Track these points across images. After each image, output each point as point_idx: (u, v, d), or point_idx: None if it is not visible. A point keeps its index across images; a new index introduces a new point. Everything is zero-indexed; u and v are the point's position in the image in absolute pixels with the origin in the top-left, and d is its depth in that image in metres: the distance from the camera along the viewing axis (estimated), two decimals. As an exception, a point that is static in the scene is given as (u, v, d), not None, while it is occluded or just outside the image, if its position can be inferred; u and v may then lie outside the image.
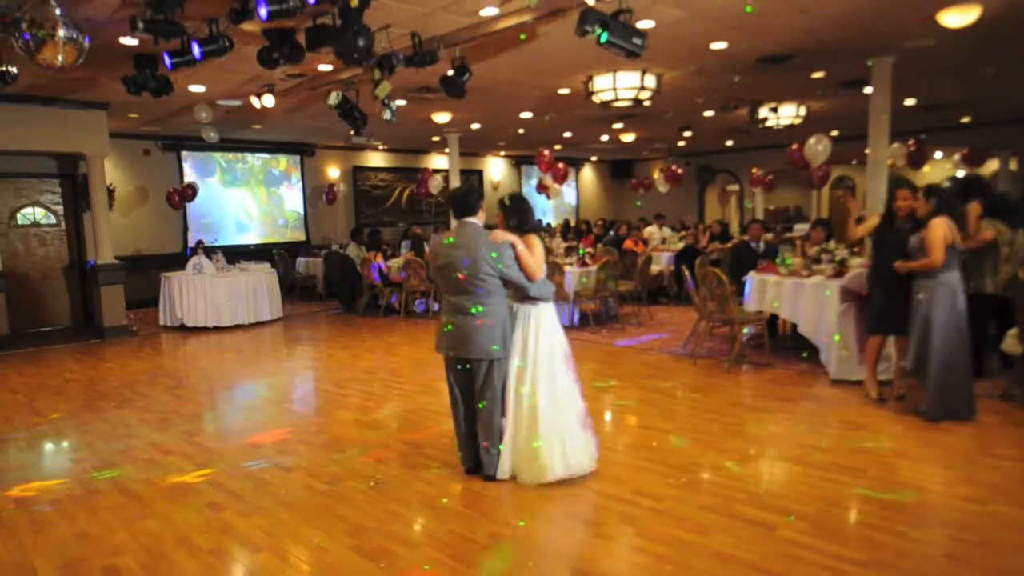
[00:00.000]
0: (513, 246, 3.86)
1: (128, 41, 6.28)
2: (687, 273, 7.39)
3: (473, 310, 3.86)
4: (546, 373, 3.93)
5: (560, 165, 12.99)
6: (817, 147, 9.47)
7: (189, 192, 12.58)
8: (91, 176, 9.49)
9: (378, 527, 3.50)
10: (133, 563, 3.23)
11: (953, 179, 16.56)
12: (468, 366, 3.96)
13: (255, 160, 14.19)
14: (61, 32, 4.60)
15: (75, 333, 10.18)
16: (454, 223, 4.09)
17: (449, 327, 3.96)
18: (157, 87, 6.78)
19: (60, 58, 4.66)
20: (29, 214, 10.46)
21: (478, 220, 3.98)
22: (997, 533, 3.26)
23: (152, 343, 9.22)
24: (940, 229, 4.73)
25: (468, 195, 4.01)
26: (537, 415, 3.89)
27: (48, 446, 5.12)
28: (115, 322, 9.70)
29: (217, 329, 9.88)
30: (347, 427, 5.20)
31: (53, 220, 10.67)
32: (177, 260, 11.87)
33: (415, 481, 4.09)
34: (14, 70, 6.42)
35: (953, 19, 6.07)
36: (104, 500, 3.98)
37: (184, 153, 13.07)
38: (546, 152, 12.04)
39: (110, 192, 10.69)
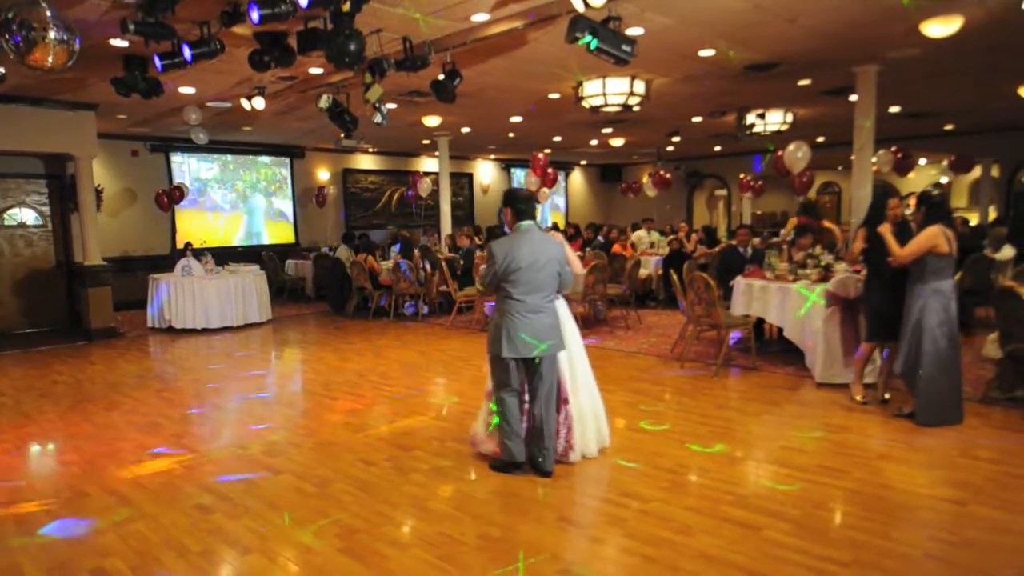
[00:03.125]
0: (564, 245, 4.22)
1: (118, 43, 6.27)
2: (675, 279, 7.45)
3: (547, 306, 4.09)
4: (579, 359, 4.35)
5: (549, 170, 13.06)
6: (796, 154, 9.55)
7: (177, 193, 12.53)
8: (79, 177, 9.44)
9: (368, 529, 3.52)
10: (122, 565, 3.23)
11: (937, 184, 16.80)
12: (537, 362, 4.08)
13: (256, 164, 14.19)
14: (51, 34, 4.59)
15: (62, 335, 10.10)
16: (485, 226, 4.26)
17: (523, 326, 3.97)
18: (147, 89, 6.76)
19: (50, 60, 4.64)
20: (16, 215, 10.38)
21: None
22: (976, 534, 3.33)
23: (140, 345, 9.17)
24: (931, 237, 4.78)
25: (531, 199, 4.22)
26: (579, 400, 4.31)
27: (35, 448, 5.09)
28: (102, 324, 9.64)
29: (206, 331, 9.84)
30: (336, 429, 5.21)
31: (40, 221, 10.59)
32: (165, 262, 11.83)
33: (404, 483, 4.11)
34: (2, 70, 6.39)
35: (936, 29, 6.18)
36: (92, 502, 3.97)
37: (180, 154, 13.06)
38: (540, 156, 12.06)
39: (98, 193, 10.64)
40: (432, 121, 11.10)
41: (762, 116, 11.14)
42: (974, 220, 13.89)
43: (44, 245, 10.65)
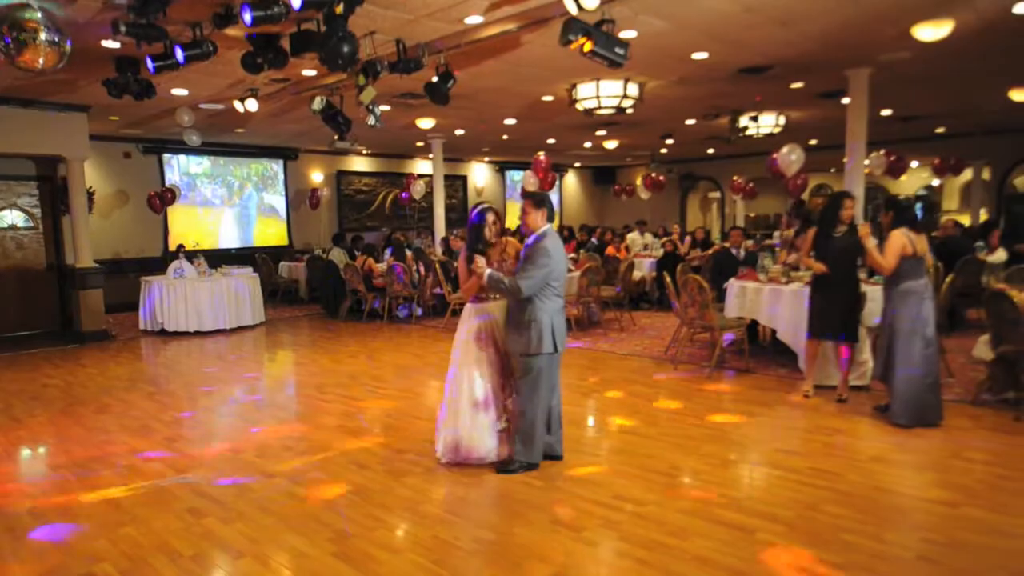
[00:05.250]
0: None
1: (110, 44, 6.24)
2: (668, 281, 7.46)
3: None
4: None
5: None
6: (790, 157, 9.56)
7: (170, 195, 12.47)
8: (70, 179, 9.39)
9: (361, 533, 3.51)
10: (113, 570, 3.20)
11: (928, 186, 16.76)
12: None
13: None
14: (42, 35, 4.57)
15: (53, 337, 10.03)
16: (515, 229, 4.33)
17: (562, 322, 4.17)
18: (139, 90, 6.74)
19: (41, 61, 4.62)
20: (6, 217, 10.30)
21: None
22: (967, 535, 3.35)
23: (132, 348, 9.12)
24: (899, 240, 4.95)
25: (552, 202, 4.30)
26: None
27: (25, 452, 5.05)
28: (94, 326, 9.59)
29: (198, 334, 9.79)
30: (330, 432, 5.19)
31: (31, 223, 10.53)
32: (157, 264, 11.77)
33: (398, 486, 4.10)
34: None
35: (927, 33, 6.22)
36: (83, 506, 3.94)
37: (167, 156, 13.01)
38: (542, 158, 12.04)
39: (89, 195, 10.58)
40: (426, 123, 11.10)
41: (755, 119, 11.17)
42: (966, 223, 13.96)
43: (35, 247, 10.58)
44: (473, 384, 4.24)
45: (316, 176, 15.28)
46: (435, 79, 6.79)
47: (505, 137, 13.79)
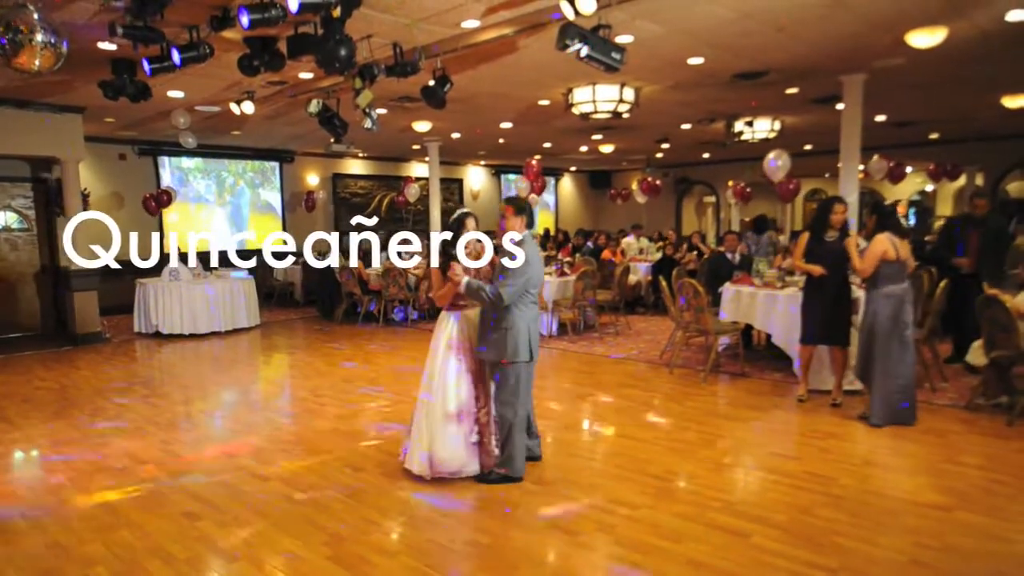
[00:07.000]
0: None
1: (106, 46, 6.23)
2: (664, 284, 7.48)
3: None
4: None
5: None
6: (776, 163, 9.60)
7: (165, 198, 12.43)
8: (65, 180, 9.37)
9: (356, 536, 3.51)
10: (107, 573, 3.19)
11: (922, 192, 16.75)
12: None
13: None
14: (39, 37, 4.55)
15: (47, 339, 9.98)
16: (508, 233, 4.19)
17: (536, 329, 4.15)
18: (135, 92, 6.72)
19: (37, 63, 4.60)
20: (0, 218, 10.26)
21: None
22: (960, 539, 3.37)
23: (126, 350, 9.09)
24: (879, 245, 5.04)
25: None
26: None
27: (18, 455, 5.03)
28: (88, 328, 9.55)
29: (193, 336, 9.76)
30: (325, 436, 5.18)
31: (25, 225, 10.48)
32: (153, 266, 11.73)
33: (393, 490, 4.10)
34: (-12, 73, 6.34)
35: (921, 40, 6.25)
36: (77, 510, 3.93)
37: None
38: (533, 162, 12.04)
39: (84, 197, 10.54)
40: (422, 126, 11.10)
41: (750, 124, 11.22)
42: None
43: (29, 249, 10.53)
44: (447, 396, 4.11)
45: (312, 179, 15.26)
46: (432, 83, 6.79)
47: (501, 141, 13.80)
